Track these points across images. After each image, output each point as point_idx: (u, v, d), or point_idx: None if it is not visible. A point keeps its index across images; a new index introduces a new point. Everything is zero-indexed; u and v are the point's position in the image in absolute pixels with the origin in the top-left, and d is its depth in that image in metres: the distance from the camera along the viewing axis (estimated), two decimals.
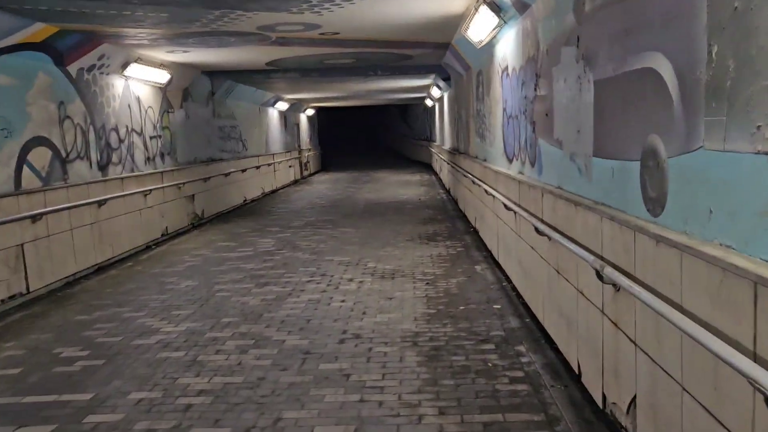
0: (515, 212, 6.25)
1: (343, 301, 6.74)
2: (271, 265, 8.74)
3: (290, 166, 23.47)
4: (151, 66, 10.58)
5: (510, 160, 7.14)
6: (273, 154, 20.72)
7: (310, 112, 27.83)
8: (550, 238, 4.77)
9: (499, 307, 6.36)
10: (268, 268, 8.55)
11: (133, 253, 10.02)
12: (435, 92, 18.38)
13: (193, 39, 9.13)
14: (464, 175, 11.45)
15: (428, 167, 28.20)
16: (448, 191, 17.45)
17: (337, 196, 17.97)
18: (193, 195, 12.91)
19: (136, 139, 10.50)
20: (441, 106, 19.85)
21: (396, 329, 5.70)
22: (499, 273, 7.74)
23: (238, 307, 6.64)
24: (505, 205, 6.68)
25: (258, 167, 18.34)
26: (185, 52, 10.26)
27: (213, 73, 14.49)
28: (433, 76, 16.00)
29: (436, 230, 11.20)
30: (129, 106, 10.27)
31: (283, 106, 21.62)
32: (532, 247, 5.76)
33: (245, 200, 16.87)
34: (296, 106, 24.57)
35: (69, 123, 8.41)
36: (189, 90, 13.14)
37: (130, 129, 10.26)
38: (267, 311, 6.45)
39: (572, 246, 4.04)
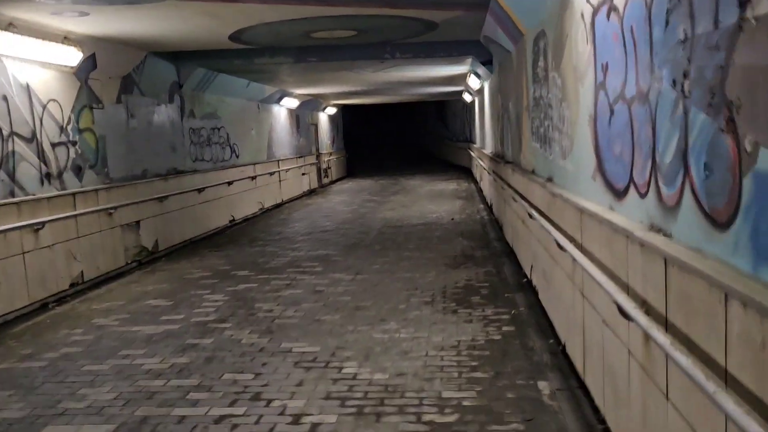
0: (645, 331, 2.51)
1: None
2: (186, 362, 5.14)
3: (304, 174, 19.96)
4: (44, 39, 7.13)
5: (619, 192, 3.37)
6: (278, 161, 17.23)
7: (332, 110, 24.32)
8: None
9: None
10: (175, 371, 4.95)
11: (11, 319, 6.61)
12: (473, 82, 14.59)
13: None
14: (513, 199, 7.66)
15: (467, 173, 24.36)
16: (490, 207, 13.65)
17: (350, 215, 14.33)
18: (138, 222, 9.45)
19: (22, 148, 7.05)
20: (481, 100, 16.05)
21: None
22: (588, 407, 3.98)
23: None
24: (620, 308, 2.93)
25: (254, 178, 14.86)
26: (83, 15, 6.77)
27: (178, 57, 11.04)
28: (469, 59, 12.24)
29: (472, 281, 7.45)
30: (4, 98, 6.82)
31: (291, 102, 18.12)
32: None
33: (232, 220, 13.39)
34: (312, 104, 21.07)
35: None
36: (133, 78, 9.68)
37: (6, 133, 6.82)
38: None
39: None
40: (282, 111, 18.08)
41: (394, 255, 9.21)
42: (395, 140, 44.66)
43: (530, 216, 5.90)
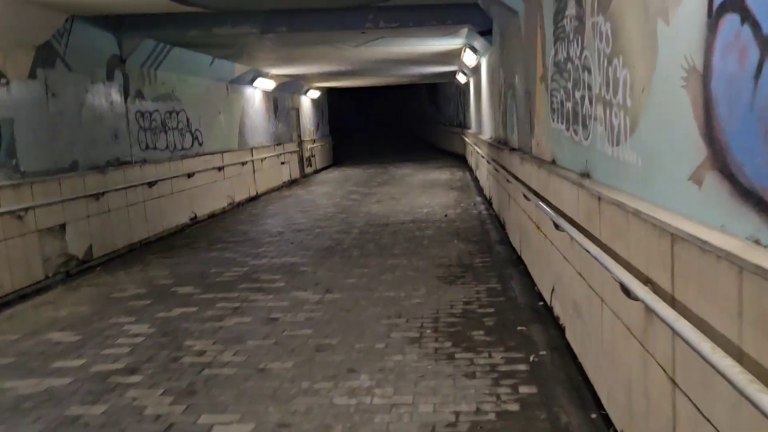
0: None
1: None
2: None
3: (283, 163, 18.20)
4: None
5: None
6: (252, 149, 15.47)
7: (315, 93, 22.51)
8: None
9: None
10: None
11: None
12: (469, 59, 12.85)
13: None
14: (525, 196, 5.96)
15: (461, 160, 22.67)
16: (489, 201, 11.98)
17: (331, 209, 12.62)
18: (63, 225, 7.73)
19: None
20: (477, 80, 14.32)
21: None
22: None
23: None
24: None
25: (221, 168, 13.11)
26: None
27: (120, 26, 9.28)
28: (465, 30, 10.51)
29: (473, 303, 5.77)
30: None
31: (267, 84, 16.32)
32: None
33: (194, 218, 11.67)
34: (292, 87, 19.27)
35: None
36: (55, 49, 7.90)
37: None
38: None
39: None
40: (256, 94, 16.29)
41: (375, 264, 7.53)
42: (385, 126, 42.81)
43: (556, 227, 4.21)
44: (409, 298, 6.00)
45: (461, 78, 18.47)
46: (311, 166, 21.93)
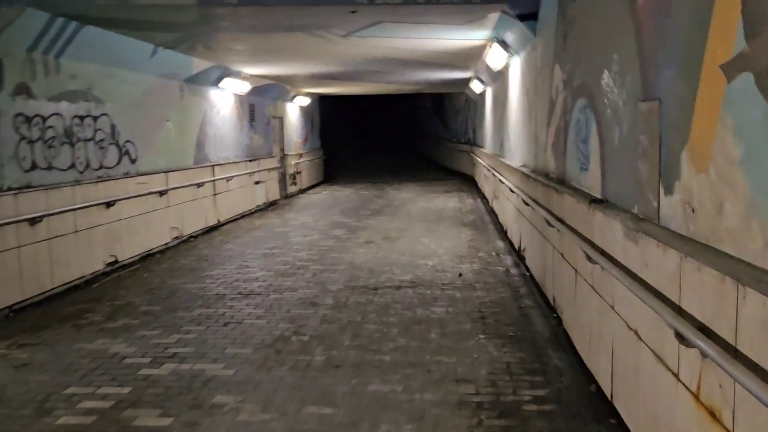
0: None
1: None
2: None
3: (258, 183, 15.02)
4: None
5: None
6: (214, 166, 12.31)
7: (304, 101, 19.36)
8: None
9: None
10: None
11: None
12: (495, 58, 9.68)
13: None
14: (620, 281, 2.77)
15: (470, 181, 19.58)
16: (517, 251, 8.81)
17: (302, 255, 9.43)
18: None
19: None
20: (501, 88, 11.18)
21: None
22: None
23: None
24: None
25: (164, 192, 9.94)
26: None
27: None
28: (496, 14, 7.39)
29: None
30: None
31: (238, 86, 13.18)
32: None
33: (113, 263, 8.48)
34: (274, 91, 16.13)
35: None
36: None
37: None
38: None
39: None
40: (225, 97, 13.16)
41: (347, 390, 4.34)
42: (385, 140, 39.67)
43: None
44: None
45: (476, 86, 15.33)
46: (296, 184, 18.77)
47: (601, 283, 4.10)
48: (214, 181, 12.18)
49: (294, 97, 18.31)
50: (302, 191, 19.19)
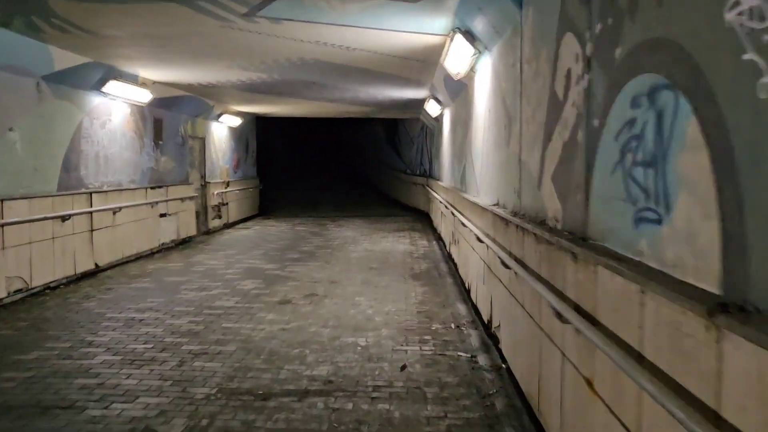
0: None
1: None
2: None
3: (163, 215, 12.15)
4: None
5: None
6: (92, 193, 9.45)
7: (234, 121, 16.62)
8: None
9: None
10: None
11: None
12: (456, 60, 7.17)
13: None
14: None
15: (424, 218, 17.08)
16: (485, 326, 6.19)
17: (184, 327, 6.64)
18: None
19: None
20: (464, 102, 8.71)
21: None
22: None
23: None
24: None
25: None
26: None
27: None
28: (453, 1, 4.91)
29: None
30: None
31: (135, 94, 10.40)
32: None
33: None
34: (192, 105, 13.39)
35: None
36: None
37: None
38: None
39: None
40: (116, 107, 10.36)
41: None
42: (333, 170, 37.05)
43: None
44: None
45: (433, 108, 12.89)
46: (221, 217, 15.92)
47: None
48: (90, 213, 9.31)
49: (220, 115, 15.57)
50: (228, 225, 16.34)
